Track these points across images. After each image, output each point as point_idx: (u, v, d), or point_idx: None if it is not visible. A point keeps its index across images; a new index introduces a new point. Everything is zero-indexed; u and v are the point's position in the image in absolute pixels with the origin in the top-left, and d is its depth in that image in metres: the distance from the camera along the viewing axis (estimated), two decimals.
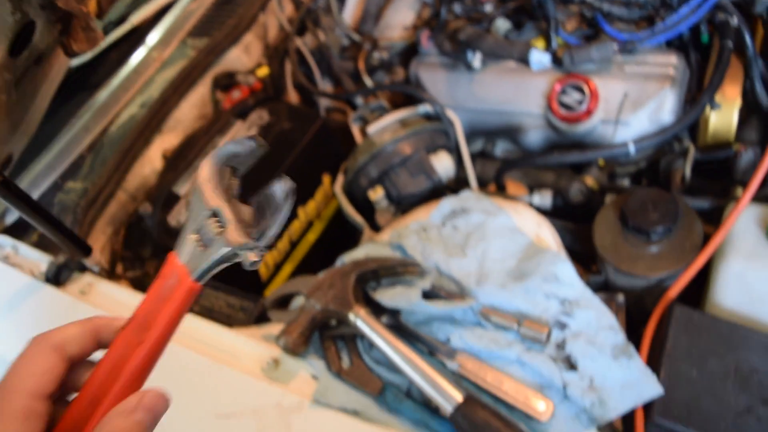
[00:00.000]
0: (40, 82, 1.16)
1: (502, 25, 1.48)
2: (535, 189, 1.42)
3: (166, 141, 1.67)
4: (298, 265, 1.57)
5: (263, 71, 1.78)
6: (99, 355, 0.55)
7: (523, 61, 1.37)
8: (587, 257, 1.26)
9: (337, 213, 1.65)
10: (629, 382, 0.93)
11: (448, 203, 1.22)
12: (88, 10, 1.01)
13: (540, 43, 1.40)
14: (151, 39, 1.79)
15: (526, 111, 1.43)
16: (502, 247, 1.12)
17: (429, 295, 1.05)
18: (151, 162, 1.64)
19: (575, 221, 1.33)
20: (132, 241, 1.56)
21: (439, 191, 1.44)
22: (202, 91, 1.76)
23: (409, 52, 1.69)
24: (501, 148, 1.58)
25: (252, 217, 0.53)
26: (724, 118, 1.28)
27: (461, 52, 1.47)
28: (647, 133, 1.30)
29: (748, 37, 1.24)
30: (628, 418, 0.94)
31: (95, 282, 1.26)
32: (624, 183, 1.41)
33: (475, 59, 1.46)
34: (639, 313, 1.14)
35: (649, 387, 0.92)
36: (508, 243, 1.12)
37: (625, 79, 1.33)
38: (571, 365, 0.96)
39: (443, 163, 1.44)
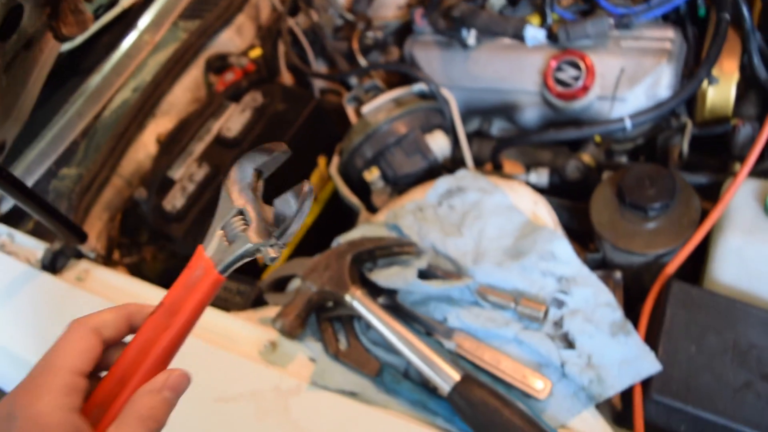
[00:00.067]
0: (31, 67, 1.14)
1: (497, 1, 1.45)
2: (531, 167, 1.41)
3: (160, 125, 1.66)
4: (295, 248, 1.56)
5: (256, 53, 1.77)
6: (128, 337, 0.60)
7: (518, 37, 1.35)
8: (585, 235, 1.25)
9: (334, 195, 1.64)
10: (627, 359, 0.93)
11: (444, 182, 1.21)
12: None
13: (535, 19, 1.38)
14: (143, 22, 1.76)
15: (522, 88, 1.42)
16: (499, 226, 1.11)
17: (425, 275, 1.05)
18: (145, 147, 1.62)
19: (572, 199, 1.32)
20: (128, 227, 1.56)
21: (435, 171, 1.43)
22: (195, 74, 1.75)
23: (404, 31, 1.67)
24: (497, 127, 1.57)
25: (274, 216, 0.57)
26: (722, 92, 1.26)
27: (456, 29, 1.44)
28: (644, 109, 1.29)
29: (745, 10, 1.22)
30: (627, 395, 0.94)
31: (91, 268, 1.26)
32: (621, 160, 1.40)
33: (470, 36, 1.44)
34: (637, 290, 1.13)
35: (647, 364, 0.92)
36: (505, 221, 1.12)
37: (621, 54, 1.32)
38: (568, 343, 0.96)
39: (439, 143, 1.43)
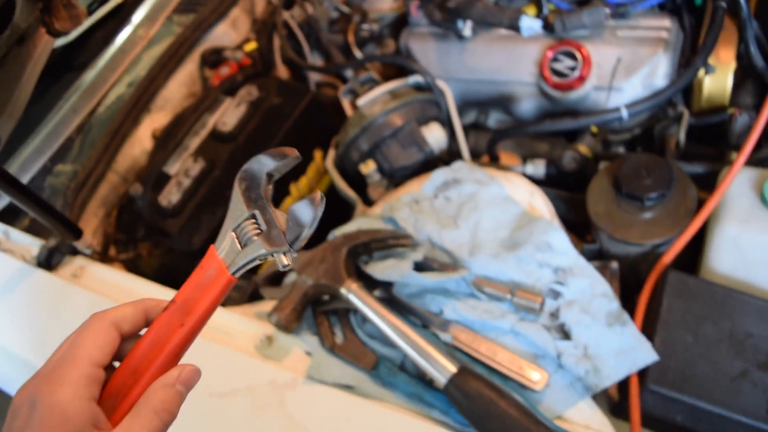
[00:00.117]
0: (25, 63, 1.14)
1: None
2: (528, 159, 1.40)
3: (156, 120, 1.65)
4: None
5: (251, 46, 1.76)
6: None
7: (514, 28, 1.35)
8: (582, 226, 1.25)
9: (330, 189, 1.64)
10: (624, 349, 0.93)
11: (440, 174, 1.21)
12: None
13: (531, 9, 1.37)
14: (137, 16, 1.76)
15: (518, 79, 1.41)
16: (495, 217, 1.11)
17: (421, 267, 1.05)
18: (140, 142, 1.62)
19: (569, 190, 1.31)
20: (124, 223, 1.55)
21: (431, 163, 1.42)
22: (190, 68, 1.74)
23: (400, 23, 1.66)
24: (494, 119, 1.56)
25: (286, 222, 0.57)
26: (719, 81, 1.26)
27: (451, 20, 1.44)
28: (640, 98, 1.28)
29: None
30: (623, 385, 0.94)
31: (87, 265, 1.25)
32: (619, 151, 1.39)
33: (466, 28, 1.43)
34: (634, 281, 1.13)
35: (644, 354, 0.91)
36: (501, 213, 1.11)
37: (617, 44, 1.31)
38: (565, 334, 0.96)
39: (435, 135, 1.43)
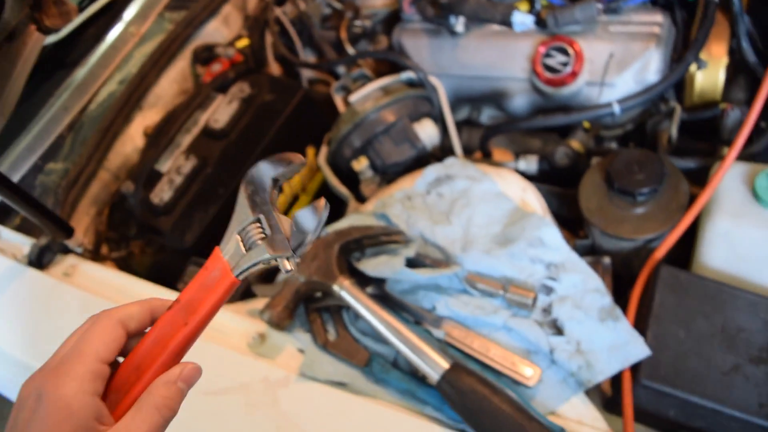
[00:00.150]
0: (15, 61, 1.13)
1: None
2: (520, 155, 1.40)
3: (147, 118, 1.64)
4: None
5: (243, 43, 1.75)
6: None
7: (506, 23, 1.34)
8: (574, 221, 1.25)
9: (323, 186, 1.63)
10: (616, 344, 0.93)
11: (432, 171, 1.21)
12: None
13: (523, 5, 1.37)
14: (128, 13, 1.74)
15: (511, 75, 1.41)
16: (487, 213, 1.10)
17: (414, 264, 1.05)
18: (132, 140, 1.61)
19: (562, 186, 1.31)
20: (116, 221, 1.54)
21: (423, 159, 1.42)
22: (181, 65, 1.73)
23: (392, 20, 1.65)
24: (487, 115, 1.56)
25: (290, 227, 0.57)
26: (711, 76, 1.26)
27: (444, 16, 1.43)
28: (633, 93, 1.28)
29: None
30: (616, 380, 0.94)
31: (78, 263, 1.25)
32: (611, 146, 1.39)
33: (458, 23, 1.43)
34: (626, 276, 1.13)
35: (637, 349, 0.92)
36: (493, 209, 1.11)
37: (609, 39, 1.31)
38: (557, 329, 0.96)
39: (427, 131, 1.42)
